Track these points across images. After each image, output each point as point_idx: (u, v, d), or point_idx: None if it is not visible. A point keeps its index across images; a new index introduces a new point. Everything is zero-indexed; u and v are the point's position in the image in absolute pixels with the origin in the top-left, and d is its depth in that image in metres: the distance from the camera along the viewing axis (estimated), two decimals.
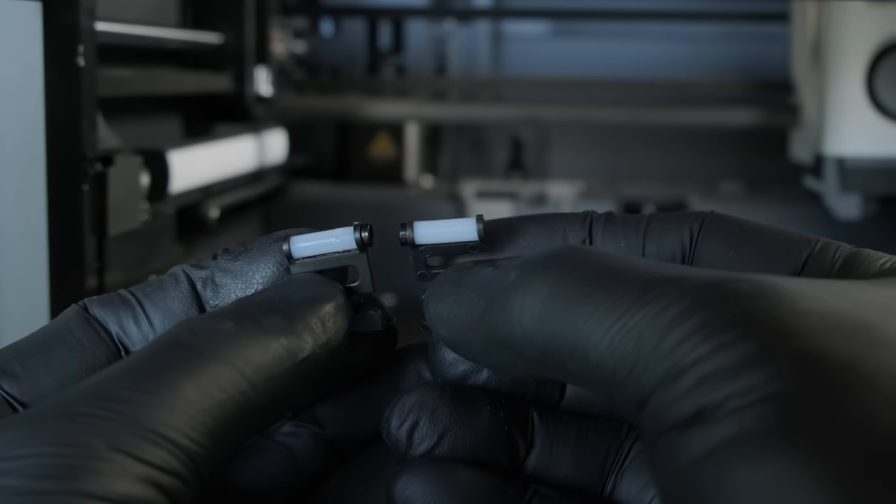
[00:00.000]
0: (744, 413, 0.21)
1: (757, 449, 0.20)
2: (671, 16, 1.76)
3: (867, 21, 1.30)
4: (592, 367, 0.24)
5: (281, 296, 0.29)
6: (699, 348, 0.22)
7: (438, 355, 0.32)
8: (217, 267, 0.31)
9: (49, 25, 0.65)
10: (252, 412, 0.26)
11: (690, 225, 0.31)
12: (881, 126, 1.30)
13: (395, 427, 0.30)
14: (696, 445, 0.21)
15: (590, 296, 0.24)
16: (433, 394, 0.30)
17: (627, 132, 1.89)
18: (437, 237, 0.31)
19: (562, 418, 0.32)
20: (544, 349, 0.25)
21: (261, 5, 1.20)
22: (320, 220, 1.50)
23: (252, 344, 0.27)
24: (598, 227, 0.32)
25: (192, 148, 0.99)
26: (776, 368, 0.21)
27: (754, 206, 1.51)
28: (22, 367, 0.29)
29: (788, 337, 0.22)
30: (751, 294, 0.23)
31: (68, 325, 0.30)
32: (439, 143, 1.94)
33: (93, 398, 0.24)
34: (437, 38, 2.00)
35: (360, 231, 0.31)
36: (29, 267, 0.65)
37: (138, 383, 0.25)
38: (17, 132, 0.64)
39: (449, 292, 0.29)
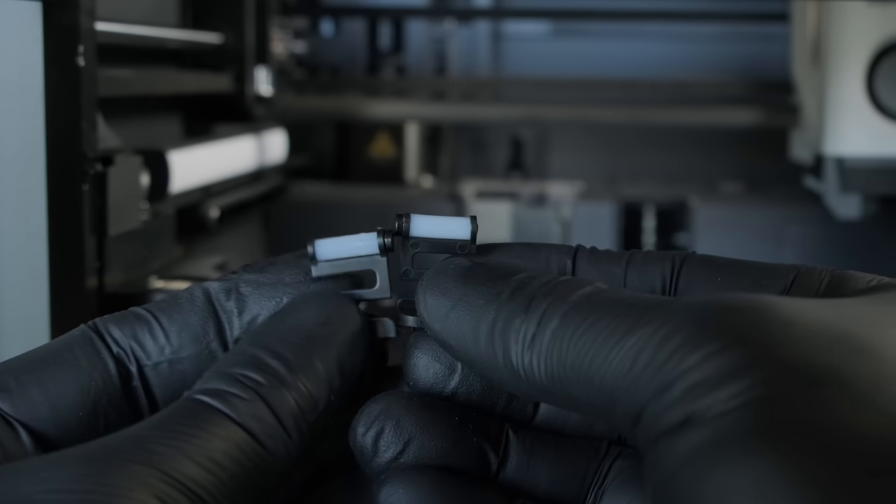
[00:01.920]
0: (727, 417, 0.22)
1: (737, 450, 0.21)
2: (671, 16, 1.76)
3: (867, 21, 1.29)
4: (595, 390, 0.25)
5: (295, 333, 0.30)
6: (687, 359, 0.23)
7: (412, 358, 0.32)
8: (241, 279, 0.32)
9: (49, 25, 0.65)
10: (269, 472, 0.27)
11: (672, 259, 0.32)
12: (881, 126, 1.30)
13: (360, 434, 0.31)
14: (681, 448, 0.22)
15: (594, 324, 0.26)
16: (399, 402, 0.31)
17: (627, 132, 1.89)
18: (431, 231, 0.32)
19: (538, 435, 0.32)
20: (551, 376, 0.26)
21: (261, 5, 1.20)
22: (320, 220, 1.50)
23: (272, 406, 0.28)
24: (582, 256, 0.32)
25: (192, 148, 0.99)
26: (760, 375, 0.22)
27: (754, 206, 1.51)
28: (16, 383, 0.29)
29: (772, 346, 0.23)
30: (736, 307, 0.24)
31: (70, 344, 0.31)
32: (439, 143, 1.94)
33: (136, 448, 0.26)
34: (437, 38, 2.00)
35: (383, 236, 0.31)
36: (29, 267, 0.65)
37: (175, 440, 0.26)
38: (17, 132, 0.64)
39: (453, 288, 0.30)
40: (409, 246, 0.32)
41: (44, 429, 0.29)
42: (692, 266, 0.31)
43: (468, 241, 0.32)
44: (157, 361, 0.31)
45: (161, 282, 0.80)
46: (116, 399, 0.31)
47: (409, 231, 0.32)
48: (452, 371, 0.32)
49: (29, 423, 0.29)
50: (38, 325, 0.66)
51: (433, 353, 0.32)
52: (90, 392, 0.30)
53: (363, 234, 0.32)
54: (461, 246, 0.32)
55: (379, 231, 0.32)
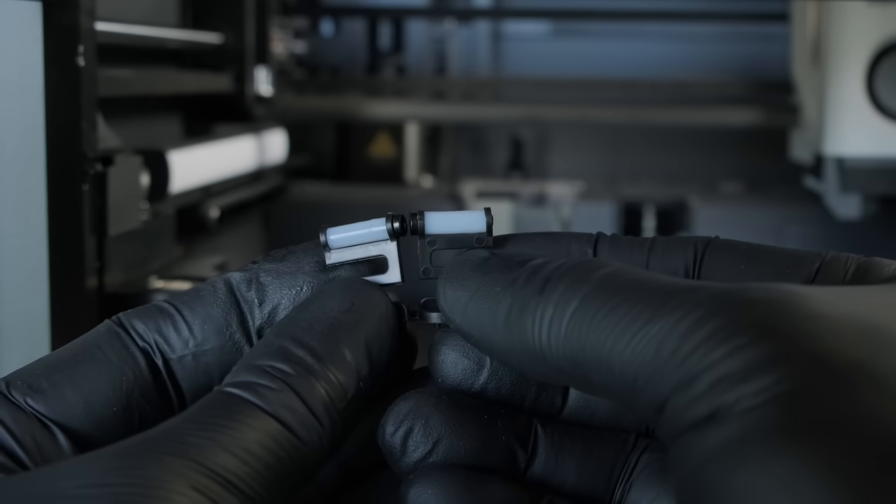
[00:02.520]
0: (754, 413, 0.21)
1: (764, 446, 0.21)
2: (671, 16, 1.76)
3: (867, 21, 1.29)
4: (616, 376, 0.25)
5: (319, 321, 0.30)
6: (714, 352, 0.23)
7: (440, 355, 0.32)
8: (261, 269, 0.32)
9: (49, 25, 0.65)
10: (303, 461, 0.27)
11: (695, 245, 0.31)
12: (881, 126, 1.30)
13: (389, 434, 0.30)
14: (708, 444, 0.22)
15: (614, 308, 0.25)
16: (428, 401, 0.31)
17: (628, 132, 1.89)
18: (446, 227, 0.32)
19: (566, 429, 0.32)
20: (570, 359, 0.26)
21: (261, 5, 1.20)
22: (320, 220, 1.50)
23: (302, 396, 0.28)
24: (603, 244, 0.32)
25: (192, 148, 0.99)
26: (787, 370, 0.22)
27: (754, 206, 1.51)
28: (49, 383, 0.29)
29: (799, 340, 0.22)
30: (764, 300, 0.24)
31: (97, 340, 0.30)
32: (439, 143, 1.94)
33: (170, 441, 0.26)
34: (437, 38, 2.00)
35: (391, 221, 0.32)
36: (29, 267, 0.65)
37: (209, 431, 0.26)
38: (17, 132, 0.64)
39: (469, 278, 0.30)
40: (427, 244, 0.32)
41: (80, 427, 0.29)
42: (715, 252, 0.31)
43: (484, 234, 0.32)
44: (182, 354, 0.31)
45: (161, 282, 0.80)
46: (148, 392, 0.31)
47: (425, 229, 0.32)
48: (481, 367, 0.31)
49: (65, 422, 0.29)
50: (38, 325, 0.66)
51: (461, 349, 0.31)
52: (122, 387, 0.30)
53: (373, 220, 0.32)
54: (478, 239, 0.32)
55: (387, 216, 0.32)
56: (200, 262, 0.90)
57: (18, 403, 0.29)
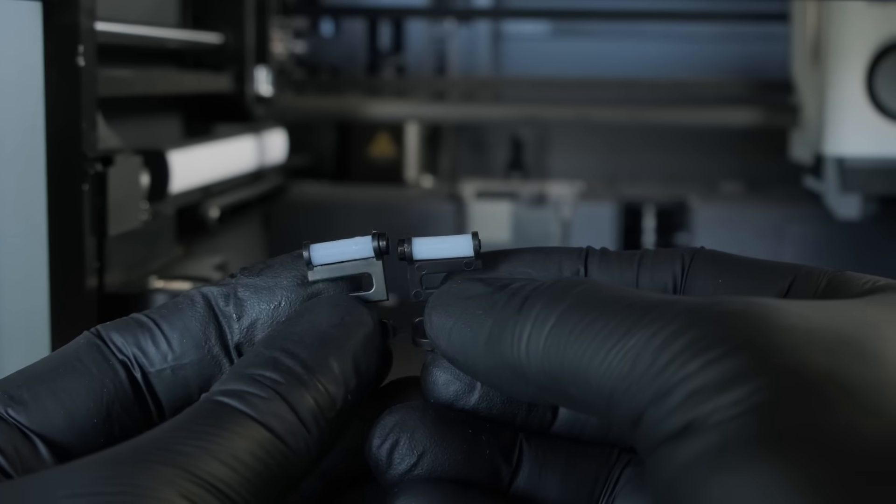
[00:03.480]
0: (729, 424, 0.22)
1: (740, 456, 0.21)
2: (671, 16, 1.76)
3: (867, 21, 1.29)
4: (592, 390, 0.25)
5: (309, 334, 0.30)
6: (688, 365, 0.23)
7: (431, 376, 0.32)
8: (239, 283, 0.32)
9: (49, 25, 0.65)
10: (291, 468, 0.28)
11: (682, 257, 0.32)
12: (881, 126, 1.30)
13: (375, 447, 0.31)
14: (683, 455, 0.22)
15: (591, 323, 0.26)
16: (414, 415, 0.31)
17: (628, 132, 1.89)
18: (433, 252, 0.32)
19: (551, 443, 0.32)
20: (549, 375, 0.26)
21: (261, 5, 1.20)
22: (320, 220, 1.50)
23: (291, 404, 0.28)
24: (593, 259, 0.32)
25: (192, 148, 0.99)
26: (761, 381, 0.22)
27: (754, 206, 1.51)
28: (30, 395, 0.29)
29: (773, 352, 0.23)
30: (738, 313, 0.24)
31: (77, 352, 0.31)
32: (439, 143, 1.94)
33: (159, 449, 0.26)
34: (437, 38, 2.00)
35: (377, 240, 0.32)
36: (29, 267, 0.65)
37: (198, 439, 0.26)
38: (17, 132, 0.64)
39: (453, 304, 0.30)
40: (416, 269, 0.32)
41: (61, 438, 0.30)
42: (699, 264, 0.32)
43: (472, 258, 0.32)
44: (161, 368, 0.31)
45: (161, 282, 0.80)
46: (128, 404, 0.31)
47: (412, 255, 0.32)
48: (472, 388, 0.32)
49: (45, 433, 0.29)
50: (38, 325, 0.66)
51: (452, 371, 0.32)
52: (103, 399, 0.30)
53: (357, 237, 0.32)
54: (467, 263, 0.32)
55: (373, 234, 0.32)
56: (200, 262, 0.90)
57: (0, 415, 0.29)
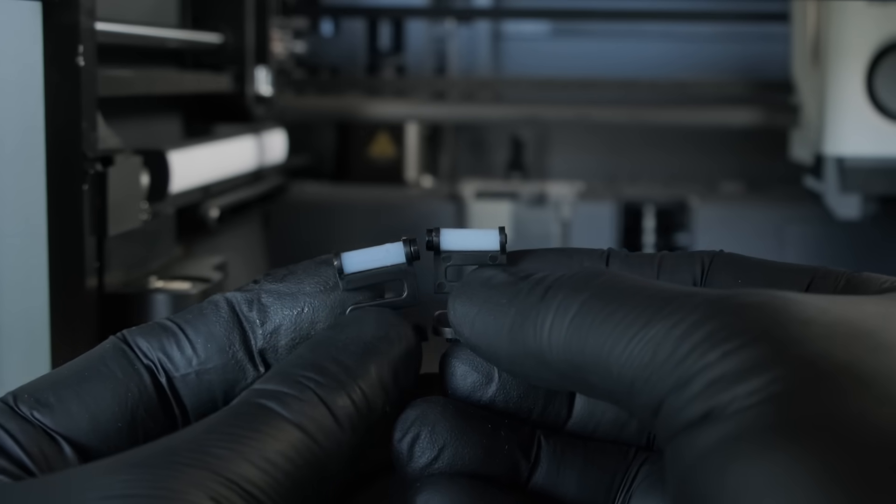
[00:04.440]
0: (747, 412, 0.22)
1: (757, 444, 0.22)
2: (671, 16, 1.76)
3: (867, 21, 1.29)
4: (614, 378, 0.26)
5: (354, 343, 0.31)
6: (708, 355, 0.24)
7: (450, 367, 0.33)
8: (262, 289, 0.33)
9: (49, 25, 0.65)
10: (324, 470, 0.28)
11: (702, 259, 0.33)
12: (881, 126, 1.30)
13: (396, 440, 0.32)
14: (702, 443, 0.23)
15: (613, 313, 0.26)
16: (434, 409, 0.32)
17: (628, 132, 1.89)
18: (461, 244, 0.33)
19: (569, 440, 0.33)
20: (570, 363, 0.27)
21: (261, 5, 1.20)
22: (320, 220, 1.50)
23: (329, 406, 0.29)
24: (615, 259, 0.33)
25: (192, 148, 0.99)
26: (779, 372, 0.22)
27: (754, 205, 1.51)
28: (56, 398, 0.30)
29: (791, 343, 0.23)
30: (757, 305, 0.24)
31: (103, 356, 0.31)
32: (439, 143, 1.94)
33: (192, 451, 0.26)
34: (437, 38, 2.00)
35: (409, 245, 0.33)
36: (29, 267, 0.65)
37: (231, 441, 0.27)
38: (17, 132, 0.64)
39: (477, 293, 0.31)
40: (441, 259, 0.33)
41: (85, 441, 0.30)
42: (718, 266, 0.32)
43: (498, 252, 0.33)
44: (186, 373, 0.32)
45: (161, 282, 0.80)
46: (153, 408, 0.31)
47: (440, 245, 0.33)
48: (490, 380, 0.33)
49: (70, 435, 0.30)
50: (38, 325, 0.66)
51: (470, 362, 0.33)
52: (128, 403, 0.31)
53: (388, 244, 0.33)
54: (492, 257, 0.33)
55: (405, 240, 0.33)
56: (200, 262, 0.90)
57: (26, 416, 0.29)
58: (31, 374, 0.65)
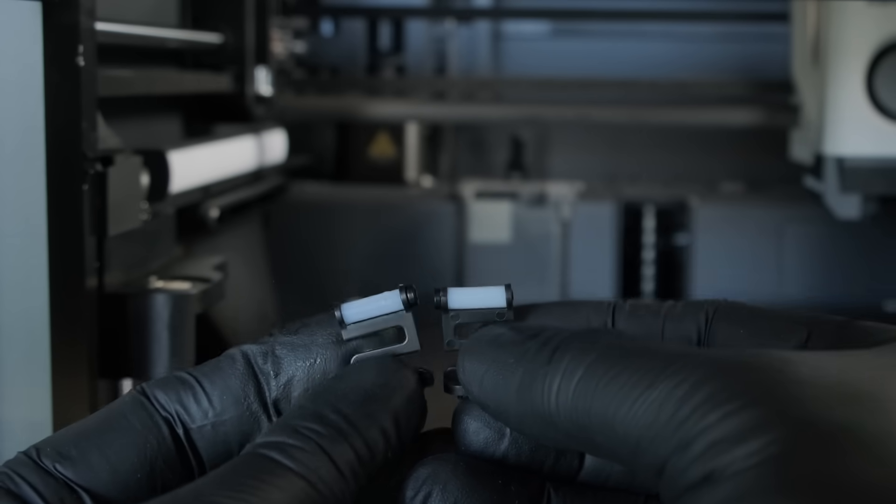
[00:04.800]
0: (747, 474, 0.23)
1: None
2: (671, 16, 1.76)
3: (867, 21, 1.29)
4: (619, 439, 0.26)
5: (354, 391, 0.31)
6: (709, 416, 0.24)
7: (462, 424, 0.33)
8: (276, 341, 0.34)
9: (49, 25, 0.65)
10: None
11: (706, 309, 0.33)
12: (881, 126, 1.30)
13: (409, 498, 0.32)
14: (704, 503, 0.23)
15: (617, 375, 0.27)
16: (446, 467, 0.32)
17: (628, 132, 1.89)
18: (468, 302, 0.34)
19: (578, 491, 0.33)
20: (577, 424, 0.28)
21: (261, 5, 1.20)
22: (320, 220, 1.50)
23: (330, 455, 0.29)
24: (621, 312, 0.34)
25: (192, 148, 0.99)
26: (778, 433, 0.23)
27: (754, 205, 1.51)
28: (77, 451, 0.31)
29: (791, 404, 0.24)
30: (756, 366, 0.25)
31: (123, 409, 0.32)
32: (439, 143, 1.94)
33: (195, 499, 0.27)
34: (437, 38, 2.00)
35: (405, 292, 0.33)
36: (29, 267, 0.65)
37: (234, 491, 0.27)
38: (17, 132, 0.64)
39: (485, 351, 0.31)
40: (450, 318, 0.34)
41: (105, 492, 0.31)
42: (721, 317, 0.33)
43: (505, 309, 0.33)
44: (202, 424, 0.33)
45: (161, 282, 0.80)
46: (171, 460, 0.32)
47: (447, 304, 0.33)
48: (502, 435, 0.33)
49: (91, 487, 0.31)
50: (38, 325, 0.66)
51: (482, 418, 0.33)
52: (147, 454, 0.32)
53: (385, 292, 0.34)
54: (499, 314, 0.33)
55: (401, 288, 0.33)
56: (200, 262, 0.90)
57: (48, 469, 0.30)
58: (31, 373, 0.65)
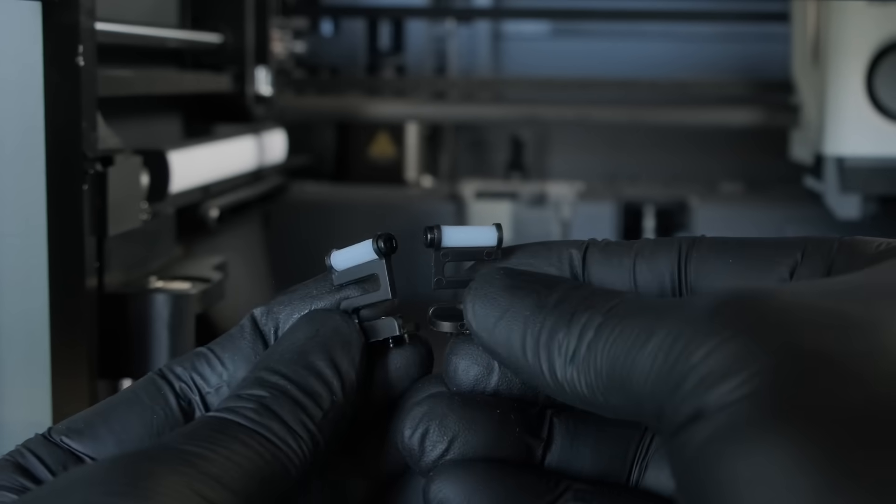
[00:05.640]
0: (730, 409, 0.24)
1: (739, 439, 0.23)
2: (671, 16, 1.76)
3: (867, 21, 1.29)
4: (626, 396, 0.27)
5: (292, 350, 0.33)
6: (694, 356, 0.25)
7: (451, 364, 0.34)
8: (276, 300, 0.35)
9: (49, 25, 0.65)
10: (286, 470, 0.30)
11: (680, 244, 0.33)
12: (881, 126, 1.30)
13: (407, 437, 0.33)
14: (694, 441, 0.24)
15: (621, 334, 0.28)
16: (441, 403, 0.33)
17: (628, 132, 1.89)
18: (460, 241, 0.34)
19: (580, 415, 0.33)
20: (591, 386, 0.28)
21: (261, 5, 1.20)
22: (320, 220, 1.50)
23: (277, 413, 0.31)
24: (593, 250, 0.34)
25: (192, 148, 0.99)
26: (756, 367, 0.24)
27: (754, 205, 1.51)
28: (85, 425, 0.33)
29: (768, 336, 0.25)
30: (737, 302, 0.26)
31: (135, 388, 0.34)
32: (439, 143, 1.94)
33: (161, 447, 0.29)
34: (437, 38, 2.00)
35: (377, 242, 0.34)
36: (29, 267, 0.65)
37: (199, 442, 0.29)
38: (17, 132, 0.64)
39: (500, 298, 0.31)
40: (441, 256, 0.34)
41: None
42: (702, 251, 0.32)
43: (494, 248, 0.34)
44: (217, 386, 0.34)
45: (161, 282, 0.80)
46: (178, 427, 0.33)
47: (441, 242, 0.33)
48: (491, 371, 0.33)
49: (97, 456, 0.32)
50: (38, 325, 0.66)
51: (470, 356, 0.34)
52: (153, 424, 0.33)
53: (365, 241, 0.34)
54: (488, 253, 0.34)
55: (375, 237, 0.34)
56: (200, 262, 0.90)
57: (56, 442, 0.32)
58: (31, 374, 0.65)
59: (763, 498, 0.22)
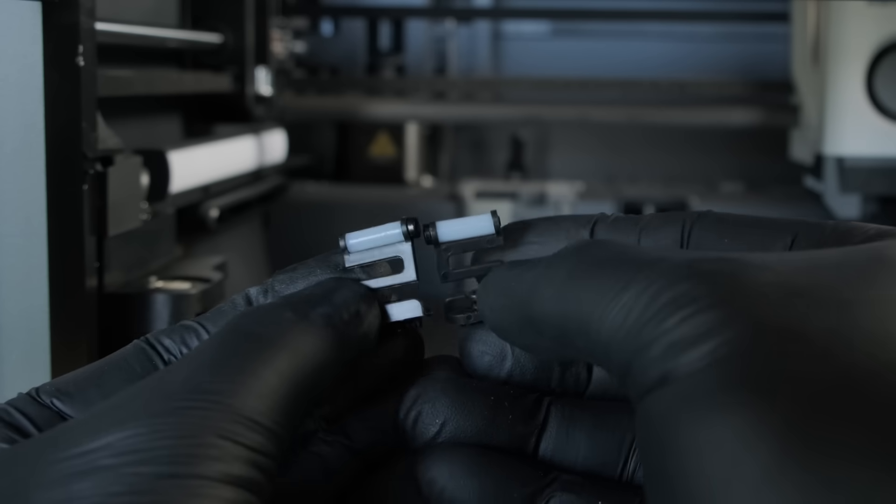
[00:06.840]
0: (697, 376, 0.24)
1: (703, 406, 0.23)
2: (671, 16, 1.76)
3: (867, 21, 1.30)
4: (594, 341, 0.27)
5: (322, 292, 0.33)
6: (668, 320, 0.25)
7: (467, 347, 0.35)
8: (276, 279, 0.35)
9: (49, 25, 0.65)
10: (312, 393, 0.30)
11: (684, 220, 0.34)
12: (881, 126, 1.30)
13: (401, 418, 0.33)
14: (660, 405, 0.24)
15: (594, 278, 0.28)
16: (434, 386, 0.34)
17: (627, 132, 1.89)
18: (457, 233, 0.34)
19: (579, 404, 0.34)
20: (559, 327, 0.29)
21: (261, 5, 1.20)
22: (320, 220, 1.50)
23: (310, 331, 0.31)
24: (601, 224, 0.35)
25: (192, 148, 0.99)
26: (727, 336, 0.24)
27: (754, 206, 1.51)
28: (76, 388, 0.32)
29: (741, 306, 0.25)
30: (715, 271, 0.26)
31: (124, 354, 0.33)
32: (439, 143, 1.94)
33: (191, 392, 0.28)
34: (437, 38, 2.00)
35: (406, 224, 0.34)
36: (29, 267, 0.65)
37: (228, 374, 0.28)
38: (17, 132, 0.64)
39: (500, 282, 0.32)
40: (443, 251, 0.34)
41: None
42: (704, 225, 0.33)
43: (493, 235, 0.34)
44: None
45: (161, 282, 0.80)
46: None
47: (438, 238, 0.34)
48: (504, 357, 0.34)
49: None
50: (38, 325, 0.66)
51: (484, 343, 0.34)
52: None
53: (388, 223, 0.34)
54: (489, 240, 0.34)
55: (402, 219, 0.34)
56: (200, 262, 0.90)
57: (45, 403, 0.31)
58: (31, 373, 0.65)
59: (720, 464, 0.22)
